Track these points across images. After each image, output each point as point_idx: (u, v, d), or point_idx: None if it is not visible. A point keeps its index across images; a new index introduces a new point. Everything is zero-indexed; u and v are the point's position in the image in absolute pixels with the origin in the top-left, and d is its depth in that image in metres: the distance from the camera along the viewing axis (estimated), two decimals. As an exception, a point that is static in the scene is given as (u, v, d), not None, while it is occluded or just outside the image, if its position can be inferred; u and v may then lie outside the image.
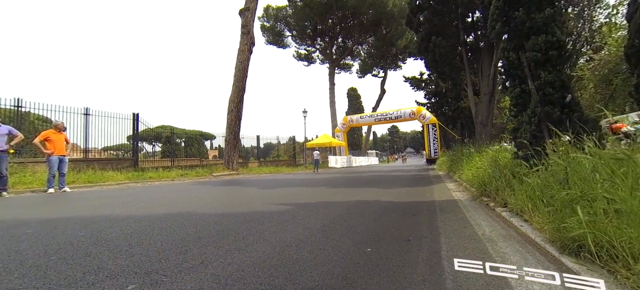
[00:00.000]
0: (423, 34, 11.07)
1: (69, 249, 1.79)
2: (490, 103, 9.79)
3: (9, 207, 3.71)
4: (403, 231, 2.20)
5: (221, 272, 1.39)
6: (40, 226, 2.45)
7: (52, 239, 2.01)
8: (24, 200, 4.50)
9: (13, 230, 2.28)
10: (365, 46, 30.33)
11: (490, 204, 3.17)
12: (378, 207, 3.32)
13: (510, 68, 4.05)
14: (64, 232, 2.21)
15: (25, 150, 8.23)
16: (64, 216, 2.93)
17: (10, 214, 3.18)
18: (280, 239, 1.97)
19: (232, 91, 13.11)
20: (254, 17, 13.87)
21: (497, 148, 5.14)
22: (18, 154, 7.81)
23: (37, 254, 1.68)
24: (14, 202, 4.22)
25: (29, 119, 9.15)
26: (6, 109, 7.67)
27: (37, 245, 1.86)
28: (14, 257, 1.63)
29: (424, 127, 21.27)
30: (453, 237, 2.03)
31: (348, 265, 1.48)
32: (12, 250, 1.77)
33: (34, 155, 8.05)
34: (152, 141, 19.21)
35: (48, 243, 1.92)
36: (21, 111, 8.16)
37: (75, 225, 2.48)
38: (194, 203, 3.81)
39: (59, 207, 3.69)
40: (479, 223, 2.47)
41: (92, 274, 1.38)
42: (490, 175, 3.48)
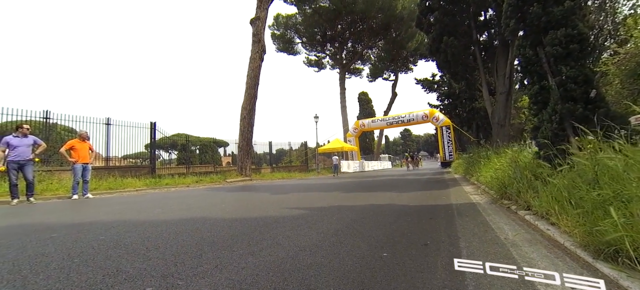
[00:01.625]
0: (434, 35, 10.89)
1: (90, 252, 1.84)
2: (507, 102, 9.45)
3: (37, 212, 3.90)
4: (420, 235, 2.13)
5: (235, 276, 1.38)
6: (64, 230, 2.55)
7: (75, 243, 2.09)
8: (51, 206, 4.72)
9: (40, 234, 2.39)
10: (375, 50, 30.22)
11: (511, 207, 3.02)
12: (393, 211, 3.24)
13: (528, 65, 3.90)
14: (86, 236, 2.29)
15: (52, 159, 8.69)
16: (87, 221, 3.05)
17: (38, 219, 3.34)
18: (294, 243, 1.95)
19: (245, 99, 13.35)
20: (264, 26, 14.16)
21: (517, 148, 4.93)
22: (45, 163, 8.26)
23: (61, 257, 1.74)
24: (41, 208, 4.44)
25: (56, 130, 9.68)
26: (36, 121, 8.16)
27: (61, 249, 1.93)
28: (40, 260, 1.69)
29: (438, 129, 20.80)
30: (473, 242, 1.94)
31: (364, 271, 1.44)
32: (39, 253, 1.84)
33: (60, 164, 8.48)
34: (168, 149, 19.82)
35: (71, 246, 1.99)
36: (49, 122, 8.66)
37: (97, 229, 2.57)
38: (209, 208, 3.86)
39: (82, 212, 3.84)
40: (501, 227, 2.35)
41: (112, 277, 1.41)
42: (511, 177, 3.33)
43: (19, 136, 5.24)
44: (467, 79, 12.71)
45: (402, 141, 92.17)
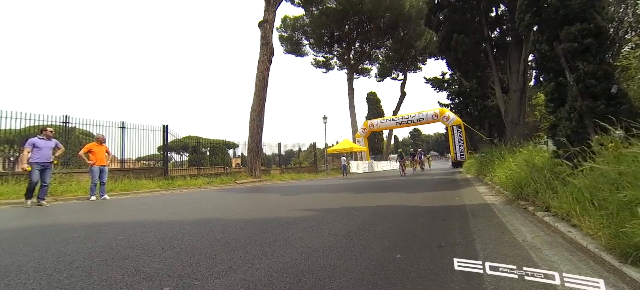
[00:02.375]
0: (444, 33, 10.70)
1: (109, 252, 1.90)
2: (521, 100, 9.16)
3: (59, 213, 4.06)
4: (434, 237, 2.09)
5: (250, 277, 1.39)
6: (85, 231, 2.64)
7: (95, 243, 2.16)
8: (71, 207, 4.90)
9: (62, 235, 2.48)
10: (384, 50, 29.99)
11: (529, 208, 2.93)
12: (404, 212, 3.20)
13: (544, 61, 3.78)
14: (105, 237, 2.36)
15: (72, 162, 9.03)
16: (105, 222, 3.15)
17: (60, 219, 3.47)
18: (307, 244, 1.95)
19: (254, 101, 13.51)
20: (272, 29, 14.30)
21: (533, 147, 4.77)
22: (65, 165, 8.59)
23: (83, 256, 1.80)
24: (62, 209, 4.62)
25: (74, 134, 10.06)
26: (57, 126, 8.51)
27: (82, 248, 2.00)
28: (64, 259, 1.76)
29: (448, 129, 20.40)
30: (490, 244, 1.89)
31: (378, 272, 1.42)
32: (62, 252, 1.92)
33: (78, 166, 8.81)
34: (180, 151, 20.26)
35: (92, 246, 2.05)
36: (68, 127, 9.02)
37: (115, 230, 2.65)
38: (221, 210, 3.92)
39: (100, 213, 3.97)
40: (518, 229, 2.28)
41: (131, 276, 1.45)
42: (528, 177, 3.23)
43: (44, 139, 5.46)
44: (479, 77, 12.42)
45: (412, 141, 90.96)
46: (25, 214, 4.19)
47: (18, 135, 8.96)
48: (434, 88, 21.12)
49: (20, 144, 8.87)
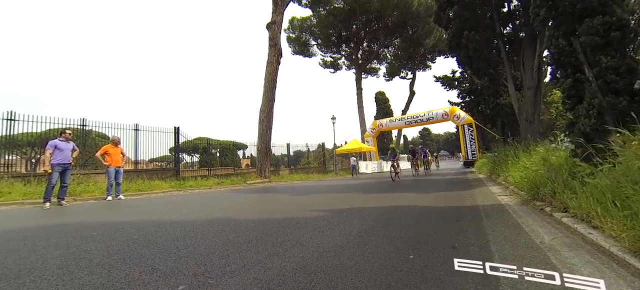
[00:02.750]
0: (454, 30, 10.50)
1: (126, 250, 1.96)
2: (535, 97, 8.88)
3: (78, 212, 4.22)
4: (446, 238, 2.06)
5: (262, 276, 1.41)
6: (102, 229, 2.73)
7: (112, 241, 2.23)
8: (89, 207, 5.07)
9: (82, 233, 2.58)
10: (392, 48, 29.70)
11: (545, 208, 2.84)
12: (415, 213, 3.16)
13: (560, 56, 3.65)
14: (122, 235, 2.44)
15: (89, 163, 9.35)
16: (121, 221, 3.24)
17: (79, 218, 3.60)
18: (318, 244, 1.96)
19: (263, 102, 13.63)
20: (280, 30, 14.39)
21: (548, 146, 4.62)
22: (83, 167, 8.90)
23: (102, 254, 1.86)
24: (81, 208, 4.79)
25: (91, 136, 10.42)
26: (74, 128, 8.83)
27: (101, 246, 2.06)
28: (84, 256, 1.82)
29: (459, 128, 20.02)
30: (505, 245, 1.84)
31: (391, 273, 1.41)
32: (82, 249, 1.99)
33: (95, 167, 9.11)
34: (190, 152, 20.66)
35: (109, 244, 2.12)
36: (85, 129, 9.34)
37: (130, 229, 2.73)
38: (232, 210, 3.97)
39: (116, 213, 4.09)
40: (535, 230, 2.21)
41: (147, 274, 1.49)
42: (544, 177, 3.13)
43: (64, 141, 5.67)
44: (491, 74, 12.11)
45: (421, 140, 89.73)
46: (46, 213, 4.37)
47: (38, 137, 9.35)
48: (444, 86, 20.74)
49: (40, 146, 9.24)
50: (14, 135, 8.17)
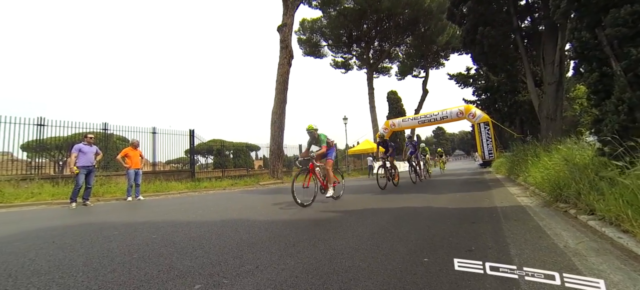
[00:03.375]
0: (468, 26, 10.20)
1: (145, 249, 2.03)
2: (557, 93, 8.47)
3: (101, 212, 4.42)
4: (462, 240, 2.00)
5: (276, 277, 1.42)
6: (123, 229, 2.85)
7: (132, 240, 2.32)
8: (111, 207, 5.31)
9: (105, 232, 2.70)
10: (404, 47, 29.23)
11: (569, 210, 2.70)
12: (430, 214, 3.09)
13: (584, 50, 3.46)
14: (141, 235, 2.53)
15: (110, 165, 9.79)
16: (140, 221, 3.37)
17: (102, 218, 3.78)
18: (330, 245, 1.95)
19: (275, 103, 13.78)
20: (291, 32, 14.52)
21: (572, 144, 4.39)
22: (105, 169, 9.33)
23: (123, 253, 1.94)
24: (103, 209, 5.02)
25: (112, 139, 10.90)
26: (97, 132, 9.28)
27: (122, 245, 2.15)
28: (107, 254, 1.91)
29: (475, 126, 19.38)
30: (526, 249, 1.77)
31: (405, 276, 1.38)
32: (105, 248, 2.08)
33: (115, 169, 9.53)
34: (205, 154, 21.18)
35: (130, 243, 2.21)
36: (107, 133, 9.80)
37: (149, 228, 2.83)
38: (245, 210, 4.03)
39: (136, 213, 4.26)
40: (558, 233, 2.11)
41: (165, 273, 1.53)
42: (567, 177, 2.97)
43: (87, 144, 5.98)
44: (508, 70, 11.69)
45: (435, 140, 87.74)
46: (72, 213, 4.60)
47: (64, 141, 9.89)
48: (458, 84, 20.20)
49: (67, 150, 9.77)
50: (43, 139, 8.69)
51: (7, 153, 8.38)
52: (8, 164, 8.52)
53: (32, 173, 8.38)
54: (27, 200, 6.07)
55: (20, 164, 8.86)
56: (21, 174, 8.09)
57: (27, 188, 6.80)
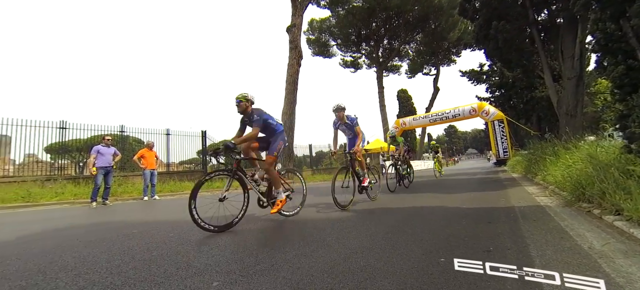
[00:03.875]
0: (481, 21, 9.95)
1: (163, 247, 2.09)
2: (577, 89, 8.13)
3: (120, 212, 4.59)
4: (479, 241, 1.95)
5: (291, 276, 1.43)
6: (142, 228, 2.94)
7: (151, 238, 2.39)
8: (129, 206, 5.50)
9: (125, 230, 2.80)
10: (413, 44, 28.81)
11: (593, 210, 2.58)
12: (444, 214, 3.03)
13: (608, 42, 3.30)
14: (159, 233, 2.61)
15: (127, 166, 10.14)
16: (158, 220, 3.48)
17: (121, 217, 3.92)
18: (344, 245, 1.95)
19: (285, 104, 13.87)
20: (300, 32, 14.56)
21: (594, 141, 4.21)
22: (123, 170, 9.66)
23: (142, 250, 2.01)
24: (122, 208, 5.21)
25: (128, 141, 11.28)
26: (114, 134, 9.63)
27: (141, 243, 2.23)
28: (128, 252, 1.98)
29: (489, 124, 18.86)
30: (547, 250, 1.70)
31: (421, 276, 1.36)
32: (126, 246, 2.16)
33: (132, 170, 9.86)
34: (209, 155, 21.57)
35: (149, 241, 2.28)
36: (123, 135, 10.14)
37: (166, 227, 2.91)
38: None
39: (153, 212, 4.39)
40: (582, 234, 2.02)
41: (184, 270, 1.58)
42: (591, 176, 2.85)
43: (105, 146, 6.22)
44: (524, 65, 11.32)
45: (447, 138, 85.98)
46: (93, 213, 4.79)
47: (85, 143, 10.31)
48: (471, 81, 19.72)
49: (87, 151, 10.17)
50: (65, 142, 9.09)
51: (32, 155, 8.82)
52: (33, 166, 8.97)
53: (56, 174, 8.79)
54: (51, 199, 6.37)
55: (44, 165, 9.30)
56: (46, 174, 8.50)
57: (52, 188, 7.14)
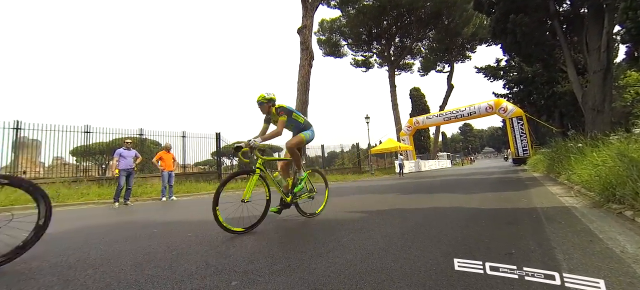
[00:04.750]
0: (497, 15, 9.60)
1: (183, 246, 2.16)
2: (605, 82, 7.67)
3: (141, 212, 4.78)
4: (500, 243, 1.88)
5: (308, 276, 1.44)
6: (162, 227, 3.05)
7: (170, 238, 2.48)
8: (148, 207, 5.72)
9: (146, 230, 2.91)
10: (426, 41, 28.24)
11: (625, 212, 2.43)
12: (462, 215, 2.95)
13: (640, 33, 3.11)
14: (179, 233, 2.69)
15: (146, 168, 10.54)
16: (176, 220, 3.59)
17: (142, 217, 4.08)
18: (360, 245, 1.94)
19: (296, 105, 13.97)
20: (311, 33, 14.63)
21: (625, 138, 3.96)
22: (141, 171, 10.06)
23: (163, 250, 2.08)
24: (142, 208, 5.42)
25: (146, 144, 11.73)
26: (134, 137, 10.04)
27: (162, 243, 2.31)
28: (149, 251, 2.06)
29: (507, 121, 18.20)
30: (575, 253, 1.62)
31: (439, 278, 1.33)
32: (147, 245, 2.25)
33: (150, 172, 10.24)
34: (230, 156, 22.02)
35: (169, 241, 2.36)
36: (142, 138, 10.56)
37: (185, 227, 3.00)
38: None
39: (172, 212, 4.54)
40: (613, 237, 1.91)
41: (203, 269, 1.62)
42: (622, 175, 2.69)
43: (126, 149, 6.50)
44: (545, 59, 10.82)
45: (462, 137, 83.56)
46: (116, 212, 5.01)
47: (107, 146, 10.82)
48: (487, 77, 19.08)
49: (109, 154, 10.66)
50: (89, 145, 9.57)
51: (59, 158, 9.34)
52: (61, 168, 9.50)
53: (81, 175, 9.27)
54: (78, 200, 6.72)
55: (70, 167, 9.84)
56: (72, 176, 8.98)
57: (77, 189, 7.53)
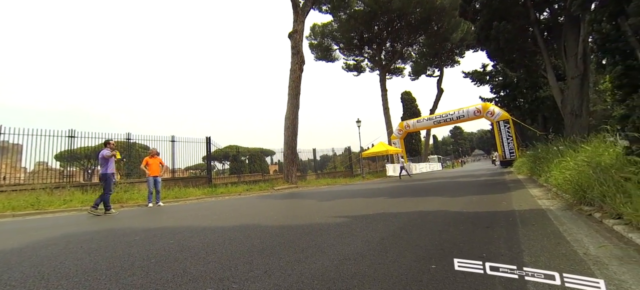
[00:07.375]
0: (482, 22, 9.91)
1: (163, 254, 2.14)
2: (582, 88, 8.00)
3: (124, 219, 4.68)
4: (474, 247, 1.95)
5: (282, 282, 1.46)
6: (143, 234, 3.01)
7: (151, 246, 2.45)
8: (133, 213, 5.60)
9: (126, 238, 2.86)
10: (416, 46, 28.78)
11: (594, 214, 2.55)
12: (444, 218, 3.02)
13: (606, 42, 3.28)
14: (159, 241, 2.66)
15: (133, 173, 10.32)
16: (159, 226, 3.54)
17: (125, 224, 4.00)
18: (339, 251, 1.97)
19: (288, 108, 13.97)
20: (302, 38, 14.70)
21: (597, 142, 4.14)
22: (128, 176, 9.84)
23: (142, 257, 2.06)
24: (126, 215, 5.31)
25: (134, 148, 11.50)
26: (121, 142, 9.83)
27: (141, 251, 2.28)
28: (127, 259, 2.03)
29: (494, 125, 18.69)
30: (541, 256, 1.70)
31: (410, 283, 1.38)
32: (126, 253, 2.22)
33: (138, 177, 10.03)
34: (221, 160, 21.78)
35: (149, 249, 2.33)
36: (130, 142, 10.35)
37: (167, 234, 2.96)
38: (258, 216, 4.12)
39: (156, 219, 4.47)
40: (579, 239, 2.00)
41: (180, 277, 1.62)
42: (592, 178, 2.81)
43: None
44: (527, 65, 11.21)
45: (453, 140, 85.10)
46: (98, 220, 4.90)
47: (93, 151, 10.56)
48: (474, 82, 19.56)
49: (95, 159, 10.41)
50: (74, 150, 9.32)
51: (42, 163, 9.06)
52: (43, 173, 9.21)
53: (64, 181, 9.00)
54: (59, 206, 6.52)
55: (53, 173, 9.54)
56: (55, 182, 8.71)
57: (60, 195, 7.31)
